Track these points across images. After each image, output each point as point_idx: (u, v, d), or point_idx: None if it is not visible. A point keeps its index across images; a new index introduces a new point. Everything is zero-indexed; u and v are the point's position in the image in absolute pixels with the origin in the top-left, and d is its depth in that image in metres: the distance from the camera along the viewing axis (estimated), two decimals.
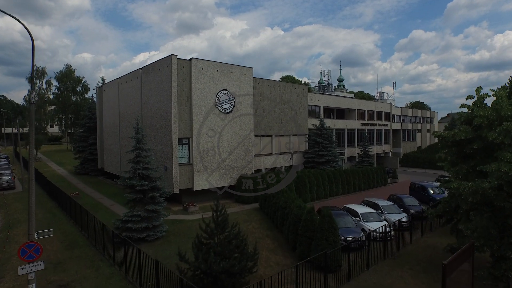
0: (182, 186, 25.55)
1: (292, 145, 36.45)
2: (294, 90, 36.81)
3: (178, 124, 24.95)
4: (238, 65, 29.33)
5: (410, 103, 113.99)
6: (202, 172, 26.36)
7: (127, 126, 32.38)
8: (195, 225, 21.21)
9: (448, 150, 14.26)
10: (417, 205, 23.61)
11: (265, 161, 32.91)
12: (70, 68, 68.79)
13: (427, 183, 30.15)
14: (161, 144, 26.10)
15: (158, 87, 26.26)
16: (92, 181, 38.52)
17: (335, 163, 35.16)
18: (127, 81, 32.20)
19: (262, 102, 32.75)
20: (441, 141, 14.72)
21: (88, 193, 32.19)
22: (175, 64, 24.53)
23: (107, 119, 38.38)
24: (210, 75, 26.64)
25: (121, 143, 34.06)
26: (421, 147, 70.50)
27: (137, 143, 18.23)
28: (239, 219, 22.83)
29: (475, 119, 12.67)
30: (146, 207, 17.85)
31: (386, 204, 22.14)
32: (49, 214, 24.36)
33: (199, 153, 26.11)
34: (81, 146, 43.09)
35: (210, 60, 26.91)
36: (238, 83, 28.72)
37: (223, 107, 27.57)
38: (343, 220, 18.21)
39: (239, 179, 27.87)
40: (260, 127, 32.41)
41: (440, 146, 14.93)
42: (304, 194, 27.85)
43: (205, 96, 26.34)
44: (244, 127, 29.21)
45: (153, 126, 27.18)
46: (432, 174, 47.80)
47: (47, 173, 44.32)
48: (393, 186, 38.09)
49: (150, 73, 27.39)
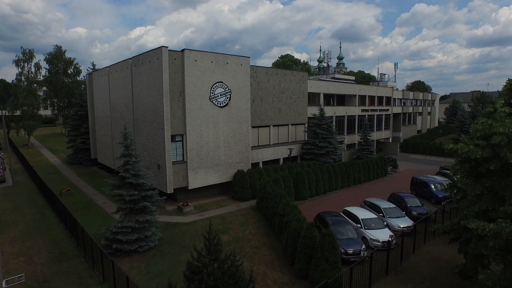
0: (176, 185, 24.60)
1: (291, 135, 35.31)
2: (293, 78, 35.17)
3: (171, 120, 23.62)
4: (234, 55, 27.59)
5: (411, 83, 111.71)
6: (197, 170, 25.32)
7: (118, 118, 30.99)
8: (189, 231, 20.51)
9: (460, 166, 13.14)
10: (419, 206, 22.83)
11: (263, 154, 31.85)
12: (60, 49, 65.95)
13: (429, 178, 29.29)
14: (154, 141, 24.88)
15: (149, 81, 24.68)
16: (85, 173, 37.53)
17: (335, 155, 34.15)
18: (117, 71, 30.45)
19: (260, 91, 31.26)
20: (453, 155, 13.57)
21: (81, 187, 31.25)
22: (166, 56, 22.85)
23: (98, 108, 36.85)
24: (204, 67, 25.00)
25: (113, 135, 32.77)
26: (421, 131, 69.47)
27: (126, 149, 17.01)
28: (235, 221, 22.10)
29: (494, 137, 11.49)
30: (137, 217, 16.92)
31: (387, 207, 21.31)
32: (38, 215, 23.49)
33: (193, 150, 24.96)
34: (73, 135, 41.73)
35: (204, 51, 25.16)
36: (234, 74, 27.11)
37: (219, 100, 26.12)
38: (343, 229, 17.39)
39: (236, 175, 26.89)
40: (258, 117, 31.12)
41: (455, 164, 13.70)
42: (303, 191, 27.03)
43: (199, 89, 24.83)
44: (240, 121, 27.89)
45: (145, 121, 25.85)
46: (432, 161, 47.06)
47: (40, 163, 43.31)
48: (394, 177, 37.36)
49: (141, 65, 25.69)
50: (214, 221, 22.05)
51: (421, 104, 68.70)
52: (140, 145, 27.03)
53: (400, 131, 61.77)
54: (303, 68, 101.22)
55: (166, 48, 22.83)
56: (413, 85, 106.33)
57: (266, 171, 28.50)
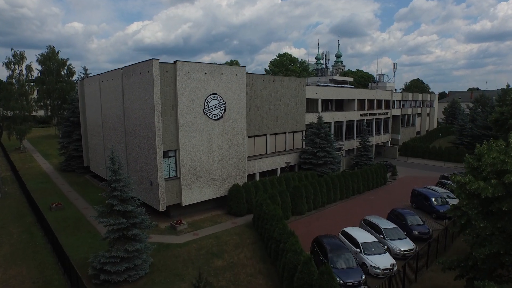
0: (170, 202, 23.73)
1: (288, 143, 34.45)
2: (290, 84, 34.20)
3: (163, 136, 22.67)
4: (229, 65, 26.58)
5: (409, 82, 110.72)
6: (191, 186, 24.44)
7: (110, 129, 29.98)
8: (182, 254, 19.67)
9: (468, 202, 12.32)
10: (421, 224, 22.09)
11: (260, 165, 30.98)
12: (53, 50, 64.54)
13: (430, 190, 28.56)
14: (145, 156, 23.94)
15: (140, 93, 23.67)
16: (78, 182, 36.54)
17: (333, 164, 33.33)
18: (107, 80, 29.37)
19: (256, 99, 30.32)
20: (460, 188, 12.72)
21: (72, 200, 30.30)
22: (156, 69, 21.83)
23: (90, 117, 35.78)
24: (198, 79, 23.99)
25: (105, 145, 31.78)
26: (420, 132, 68.76)
27: (113, 174, 16.09)
28: (230, 242, 21.27)
29: (507, 175, 10.67)
30: (126, 246, 16.06)
31: (388, 227, 20.54)
32: (26, 235, 22.57)
33: (187, 166, 24.05)
34: (65, 142, 40.65)
35: (197, 62, 24.14)
36: (229, 85, 26.12)
37: (213, 113, 25.16)
38: (342, 257, 16.61)
39: (231, 190, 26.03)
40: (254, 127, 30.22)
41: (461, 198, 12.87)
42: (300, 205, 26.25)
43: (192, 102, 23.85)
44: (235, 133, 26.96)
45: (137, 135, 24.88)
46: (432, 166, 46.42)
47: (31, 170, 42.26)
48: (393, 185, 36.66)
49: (131, 76, 24.65)
50: (208, 242, 21.27)
51: (420, 105, 67.90)
52: (132, 159, 26.12)
53: (399, 133, 61.06)
54: (301, 66, 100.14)
55: (157, 61, 21.79)
56: (411, 84, 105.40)
57: (263, 184, 27.67)
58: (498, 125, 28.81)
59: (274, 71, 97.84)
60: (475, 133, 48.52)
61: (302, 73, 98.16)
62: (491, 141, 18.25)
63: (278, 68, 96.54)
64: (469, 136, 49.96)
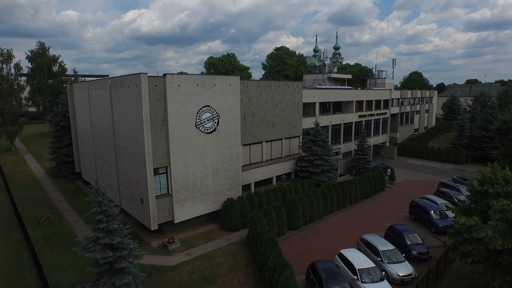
0: (161, 219, 22.96)
1: (285, 149, 33.59)
2: (287, 89, 33.10)
3: (153, 153, 21.72)
4: (222, 75, 25.44)
5: (407, 76, 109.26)
6: (184, 202, 23.65)
7: (100, 139, 28.95)
8: (174, 280, 19.04)
9: (473, 247, 11.59)
10: (420, 244, 21.47)
11: (255, 174, 30.17)
12: (44, 46, 62.67)
13: (429, 202, 27.90)
14: (135, 172, 23.04)
15: (128, 107, 22.60)
16: (69, 189, 35.65)
17: (331, 173, 32.55)
18: (96, 88, 28.18)
19: (251, 106, 29.30)
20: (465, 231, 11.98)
21: (62, 211, 29.50)
22: (145, 83, 20.72)
23: (80, 123, 34.67)
24: (189, 92, 22.90)
25: (95, 155, 30.80)
26: (419, 130, 68.02)
27: (98, 206, 15.21)
28: (224, 264, 20.62)
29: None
30: (113, 280, 15.30)
31: (386, 249, 19.89)
32: (11, 255, 21.83)
33: (179, 182, 23.18)
34: (56, 147, 39.57)
35: (188, 73, 23.03)
36: (223, 96, 25.05)
37: (205, 126, 24.16)
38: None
39: (226, 204, 25.28)
40: (249, 135, 29.31)
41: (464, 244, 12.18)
42: (296, 220, 25.59)
43: (183, 116, 22.83)
44: (230, 145, 26.04)
45: (126, 150, 23.91)
46: (431, 168, 45.74)
47: (22, 175, 41.30)
48: (391, 191, 35.98)
49: (120, 88, 23.51)
50: (201, 264, 20.62)
51: (419, 102, 66.95)
52: (122, 173, 25.22)
53: (397, 132, 60.32)
54: (298, 60, 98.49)
55: (145, 75, 20.66)
56: (410, 78, 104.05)
57: (258, 197, 26.92)
58: (501, 134, 28.00)
59: (271, 65, 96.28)
60: (474, 134, 47.77)
61: (300, 67, 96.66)
62: (495, 166, 17.52)
63: (276, 62, 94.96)
64: (468, 137, 49.19)
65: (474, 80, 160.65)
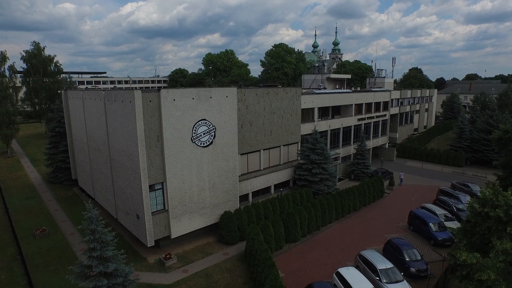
0: (158, 235, 22.68)
1: (283, 156, 33.22)
2: (285, 95, 32.56)
3: (148, 170, 21.33)
4: (219, 87, 24.93)
5: (407, 72, 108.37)
6: (180, 217, 23.35)
7: (95, 150, 28.54)
8: None
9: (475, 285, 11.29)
10: (418, 260, 21.25)
11: (253, 184, 29.84)
12: (39, 46, 61.89)
13: (428, 213, 27.63)
14: (131, 188, 22.69)
15: (122, 122, 22.14)
16: (66, 197, 35.33)
17: (329, 181, 32.23)
18: (90, 99, 27.66)
19: (249, 115, 28.82)
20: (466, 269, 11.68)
21: (58, 222, 29.20)
22: (139, 100, 20.23)
23: (75, 131, 34.19)
24: (185, 106, 22.42)
25: (91, 165, 30.41)
26: (418, 129, 67.61)
27: (91, 234, 14.88)
28: (221, 283, 20.39)
29: None
30: None
31: (384, 268, 19.67)
32: (5, 273, 21.57)
33: (175, 198, 22.85)
34: (51, 153, 39.14)
35: (184, 87, 22.49)
36: (219, 108, 24.57)
37: (202, 140, 23.74)
38: None
39: (223, 217, 25.00)
40: (247, 143, 28.89)
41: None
42: (294, 233, 25.34)
43: (179, 131, 22.38)
44: (227, 158, 25.64)
45: (122, 164, 23.52)
46: (430, 171, 45.43)
47: (18, 181, 40.97)
48: (390, 198, 35.66)
49: (113, 102, 23.02)
50: (198, 282, 20.41)
51: (418, 102, 66.39)
52: (118, 187, 24.88)
53: (396, 132, 59.85)
54: (297, 57, 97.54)
55: (139, 92, 20.16)
56: (409, 74, 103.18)
57: (256, 209, 26.65)
58: (501, 143, 27.65)
59: (270, 62, 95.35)
60: (474, 136, 47.41)
61: (298, 64, 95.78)
62: (496, 187, 17.17)
63: (274, 59, 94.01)
64: (468, 139, 48.84)
65: (474, 75, 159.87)
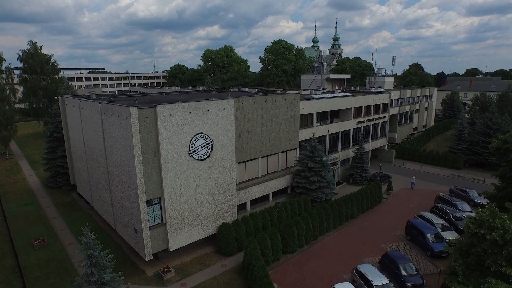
0: (156, 249, 22.82)
1: (281, 163, 33.22)
2: (283, 102, 32.39)
3: (146, 185, 21.33)
4: (216, 99, 24.77)
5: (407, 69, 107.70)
6: (178, 231, 23.45)
7: (93, 160, 28.51)
8: None
9: None
10: (415, 275, 21.41)
11: (251, 193, 29.90)
12: (36, 45, 61.34)
13: (425, 223, 27.75)
14: (128, 202, 22.73)
15: (119, 137, 22.07)
16: (64, 203, 35.42)
17: (327, 188, 32.27)
18: (87, 109, 27.51)
19: (247, 123, 28.72)
20: None
21: (57, 230, 29.33)
22: (135, 117, 20.11)
23: (73, 138, 34.14)
24: (181, 120, 22.31)
25: (89, 174, 30.42)
26: (418, 128, 67.53)
27: (88, 260, 14.95)
28: None
29: None
30: None
31: (380, 284, 19.83)
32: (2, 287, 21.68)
33: (173, 212, 22.91)
34: (49, 158, 39.11)
35: (180, 102, 22.36)
36: (217, 121, 24.46)
37: (199, 153, 23.69)
38: None
39: (221, 229, 25.11)
40: (245, 152, 28.87)
41: None
42: (291, 244, 25.49)
43: (176, 146, 22.32)
44: (224, 170, 25.63)
45: (119, 178, 23.52)
46: (429, 174, 45.46)
47: (16, 185, 41.01)
48: (388, 204, 35.73)
49: (110, 115, 22.90)
50: None
51: (418, 101, 66.15)
52: (116, 200, 24.94)
53: (396, 132, 59.79)
54: (297, 54, 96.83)
55: (135, 109, 20.01)
56: (409, 71, 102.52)
57: (254, 219, 26.75)
58: (500, 153, 27.64)
59: (269, 59, 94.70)
60: (473, 139, 47.35)
61: (298, 61, 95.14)
62: (493, 208, 17.21)
63: (274, 56, 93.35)
64: (467, 142, 48.78)
65: (474, 70, 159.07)
